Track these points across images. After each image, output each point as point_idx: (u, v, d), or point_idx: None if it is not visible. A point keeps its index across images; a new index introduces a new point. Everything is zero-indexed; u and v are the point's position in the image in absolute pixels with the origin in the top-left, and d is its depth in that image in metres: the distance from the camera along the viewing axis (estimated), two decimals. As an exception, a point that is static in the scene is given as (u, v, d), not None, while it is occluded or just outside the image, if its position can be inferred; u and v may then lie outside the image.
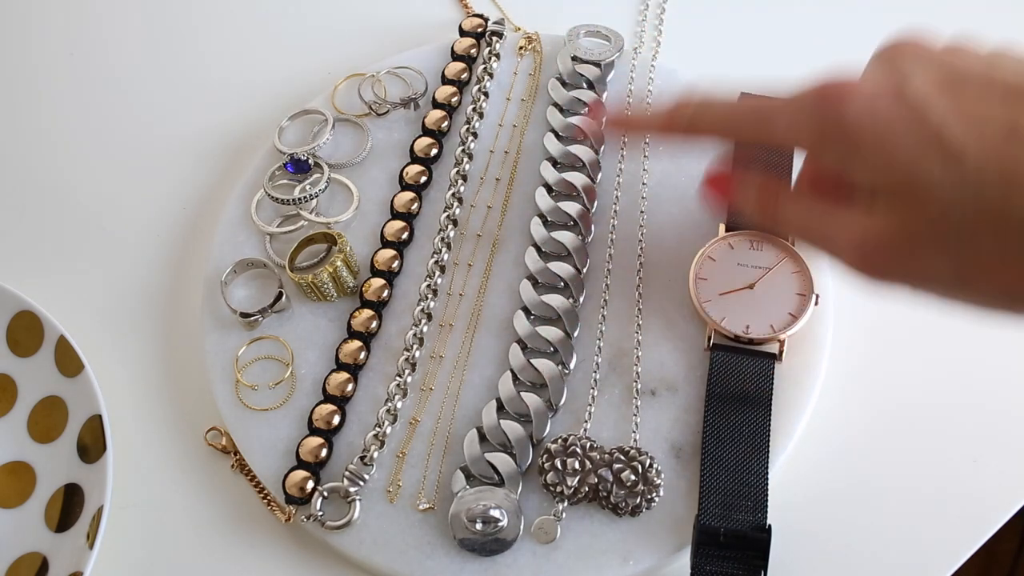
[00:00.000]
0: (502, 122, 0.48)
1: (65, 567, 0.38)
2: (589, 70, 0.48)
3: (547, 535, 0.37)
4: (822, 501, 0.39)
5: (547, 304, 0.42)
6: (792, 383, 0.40)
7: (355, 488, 0.38)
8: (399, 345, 0.42)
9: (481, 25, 0.51)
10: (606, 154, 0.47)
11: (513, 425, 0.39)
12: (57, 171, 0.50)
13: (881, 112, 0.29)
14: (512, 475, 0.38)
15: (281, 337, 0.42)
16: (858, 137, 0.30)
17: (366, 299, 0.43)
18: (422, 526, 0.38)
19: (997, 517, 0.39)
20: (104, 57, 0.55)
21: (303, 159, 0.46)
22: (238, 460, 0.40)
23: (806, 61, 0.52)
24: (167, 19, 0.56)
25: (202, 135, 0.51)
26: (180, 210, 0.49)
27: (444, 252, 0.44)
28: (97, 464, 0.39)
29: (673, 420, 0.39)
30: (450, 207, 0.45)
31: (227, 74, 0.53)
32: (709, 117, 0.35)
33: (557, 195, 0.45)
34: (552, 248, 0.43)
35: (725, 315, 0.40)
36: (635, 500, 0.37)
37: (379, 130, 0.48)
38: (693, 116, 0.35)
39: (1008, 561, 0.81)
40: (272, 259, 0.44)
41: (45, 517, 0.40)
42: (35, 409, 0.42)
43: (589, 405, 0.40)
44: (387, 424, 0.40)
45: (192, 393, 0.43)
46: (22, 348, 0.43)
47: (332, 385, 0.41)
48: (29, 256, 0.48)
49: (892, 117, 0.29)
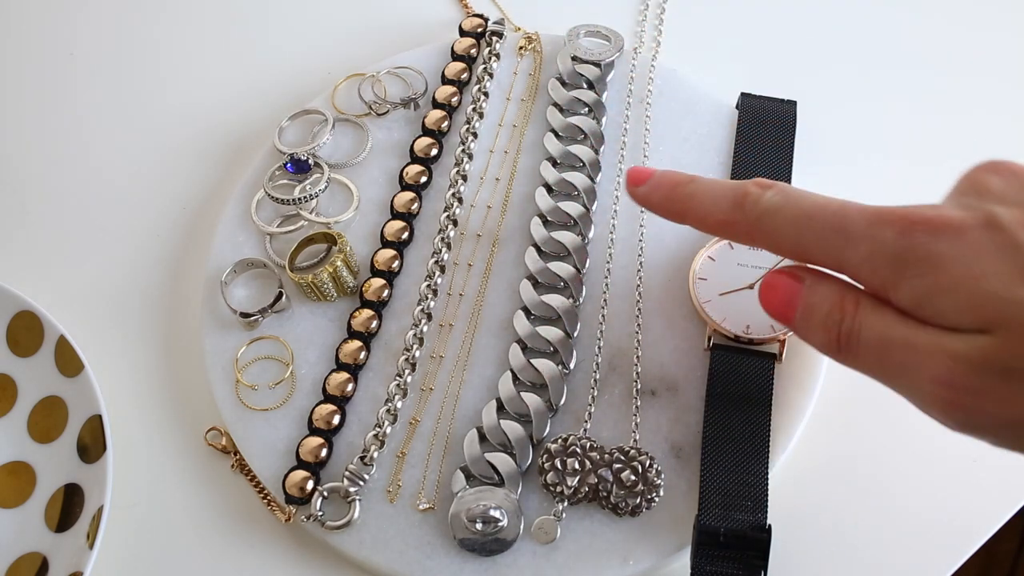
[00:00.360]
0: (502, 122, 0.48)
1: (65, 567, 0.38)
2: (589, 70, 0.48)
3: (547, 535, 0.37)
4: (822, 501, 0.39)
5: (547, 304, 0.42)
6: (792, 383, 0.40)
7: (355, 488, 0.38)
8: (399, 345, 0.42)
9: (481, 25, 0.51)
10: (606, 154, 0.47)
11: (513, 425, 0.39)
12: (57, 171, 0.50)
13: (973, 243, 0.27)
14: (512, 475, 0.38)
15: (281, 337, 0.42)
16: (949, 270, 0.27)
17: (366, 299, 0.43)
18: (422, 526, 0.38)
19: (997, 517, 0.39)
20: (104, 57, 0.55)
21: (303, 159, 0.46)
22: (238, 460, 0.40)
23: (806, 61, 0.52)
24: (167, 19, 0.56)
25: (202, 135, 0.51)
26: (180, 210, 0.49)
27: (444, 252, 0.44)
28: (97, 464, 0.39)
29: (673, 420, 0.39)
30: (450, 207, 0.45)
31: (227, 74, 0.53)
32: (780, 221, 0.31)
33: (557, 195, 0.45)
34: (552, 248, 0.43)
35: (725, 315, 0.40)
36: (635, 500, 0.37)
37: (379, 130, 0.48)
38: (762, 215, 0.32)
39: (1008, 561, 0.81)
40: (272, 259, 0.44)
41: (45, 517, 0.40)
42: (35, 409, 0.42)
43: (589, 405, 0.40)
44: (387, 424, 0.40)
45: (192, 393, 0.43)
46: (22, 348, 0.43)
47: (332, 385, 0.41)
48: (29, 256, 0.48)
49: (985, 248, 0.27)
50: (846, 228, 0.30)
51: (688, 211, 0.34)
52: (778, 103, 0.47)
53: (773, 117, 0.46)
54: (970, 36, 0.53)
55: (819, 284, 0.32)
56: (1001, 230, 0.27)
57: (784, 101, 0.47)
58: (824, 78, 0.51)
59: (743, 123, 0.47)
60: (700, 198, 0.34)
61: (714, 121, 0.47)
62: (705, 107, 0.48)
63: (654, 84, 0.49)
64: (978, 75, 0.51)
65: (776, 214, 0.31)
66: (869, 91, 0.51)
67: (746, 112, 0.47)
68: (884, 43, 0.53)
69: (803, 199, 0.31)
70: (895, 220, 0.29)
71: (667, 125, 0.47)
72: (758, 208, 0.32)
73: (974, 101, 0.50)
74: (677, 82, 0.49)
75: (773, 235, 0.32)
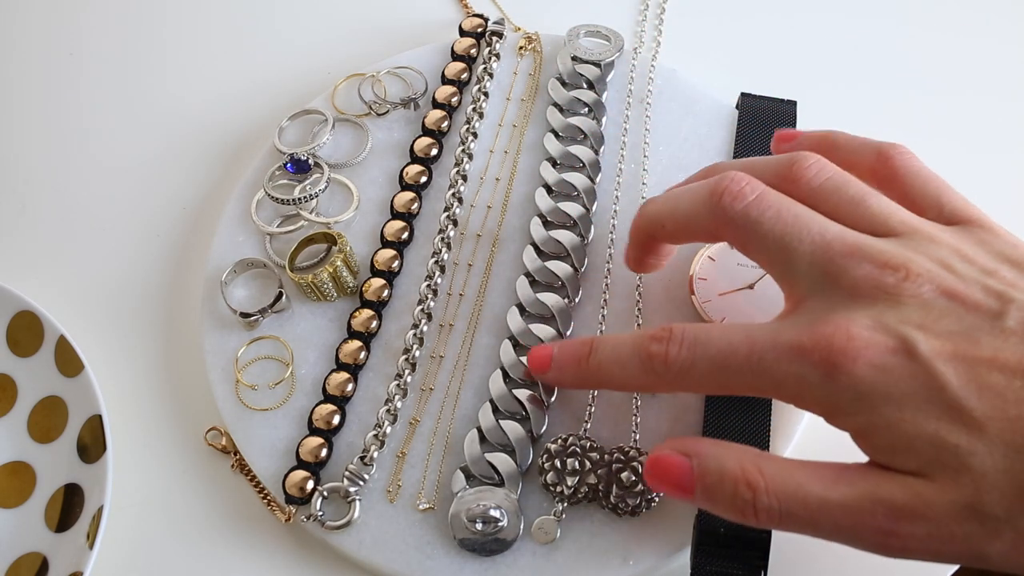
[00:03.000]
0: (502, 122, 0.48)
1: (65, 567, 0.38)
2: (589, 70, 0.48)
3: (547, 535, 0.37)
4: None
5: (541, 302, 0.42)
6: (792, 383, 0.40)
7: (355, 488, 0.38)
8: (399, 345, 0.42)
9: (481, 25, 0.51)
10: (606, 155, 0.47)
11: (513, 425, 0.39)
12: (57, 171, 0.50)
13: (895, 380, 0.27)
14: (512, 475, 0.38)
15: (281, 337, 0.42)
16: (880, 410, 0.27)
17: (366, 299, 0.43)
18: (422, 526, 0.38)
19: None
20: (104, 57, 0.55)
21: (303, 159, 0.46)
22: (238, 460, 0.40)
23: (806, 61, 0.52)
24: (167, 19, 0.56)
25: (202, 135, 0.51)
26: (180, 210, 0.49)
27: (444, 252, 0.44)
28: (97, 464, 0.39)
29: (673, 420, 0.39)
30: (450, 207, 0.45)
31: (227, 74, 0.53)
32: (697, 377, 0.31)
33: (557, 195, 0.45)
34: (551, 248, 0.43)
35: (725, 315, 0.40)
36: (635, 500, 0.37)
37: (379, 130, 0.48)
38: (677, 377, 0.31)
39: (1008, 561, 0.80)
40: (272, 259, 0.44)
41: (45, 517, 0.40)
42: (35, 409, 0.42)
43: (589, 405, 0.40)
44: (387, 424, 0.40)
45: (192, 393, 0.43)
46: (22, 348, 0.43)
47: (332, 385, 0.41)
48: (29, 256, 0.48)
49: (907, 386, 0.27)
50: (765, 371, 0.29)
51: (603, 382, 0.34)
52: (778, 103, 0.47)
53: (773, 117, 0.46)
54: (971, 36, 0.53)
55: (710, 460, 0.30)
56: (919, 361, 0.27)
57: (784, 101, 0.47)
58: (824, 78, 0.51)
59: (743, 123, 0.47)
60: (608, 368, 0.33)
61: (714, 121, 0.47)
62: (705, 107, 0.48)
63: (654, 84, 0.49)
64: (978, 75, 0.51)
65: (690, 372, 0.31)
66: (869, 91, 0.51)
67: (746, 112, 0.47)
68: (884, 43, 0.53)
69: (709, 347, 0.30)
70: (812, 354, 0.28)
71: (667, 125, 0.47)
72: (670, 372, 0.31)
73: (974, 101, 0.50)
74: (677, 82, 0.49)
75: (698, 388, 0.32)
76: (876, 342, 0.27)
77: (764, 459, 0.29)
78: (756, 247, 0.32)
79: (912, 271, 0.29)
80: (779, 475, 0.29)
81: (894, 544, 0.27)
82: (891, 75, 0.51)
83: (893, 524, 0.27)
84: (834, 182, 0.32)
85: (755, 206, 0.31)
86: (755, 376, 0.29)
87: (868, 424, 0.28)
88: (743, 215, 0.31)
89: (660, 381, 0.32)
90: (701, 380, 0.31)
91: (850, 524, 0.28)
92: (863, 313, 0.28)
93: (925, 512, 0.27)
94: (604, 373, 0.34)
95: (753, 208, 0.31)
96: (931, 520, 0.26)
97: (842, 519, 0.28)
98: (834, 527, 0.28)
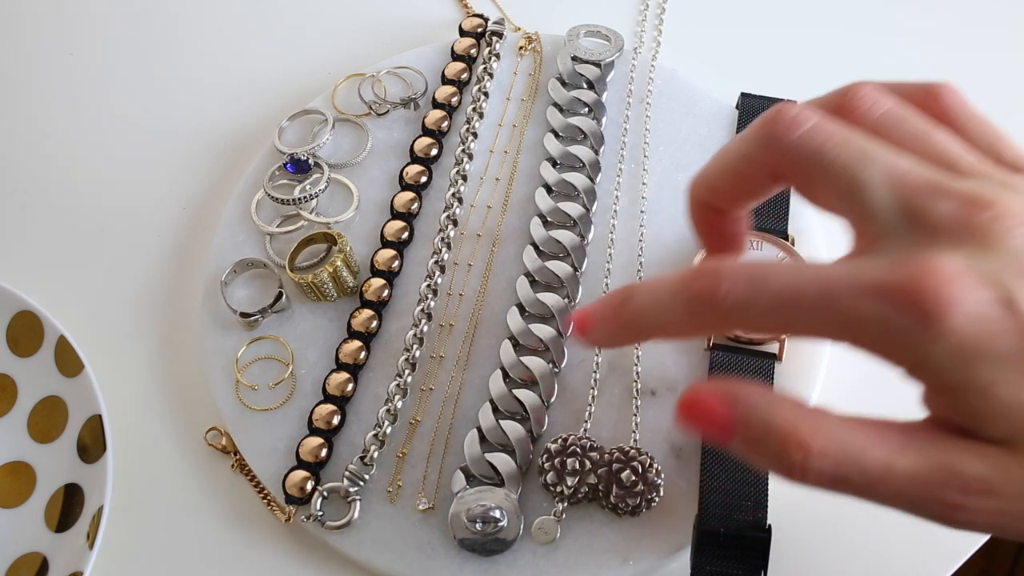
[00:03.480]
0: (502, 122, 0.48)
1: (65, 567, 0.38)
2: (589, 70, 0.48)
3: (547, 535, 0.37)
4: (822, 501, 0.39)
5: (541, 302, 0.42)
6: (792, 383, 0.40)
7: (355, 488, 0.38)
8: (399, 345, 0.42)
9: (481, 25, 0.51)
10: (606, 154, 0.47)
11: (513, 425, 0.39)
12: (57, 171, 0.50)
13: (994, 328, 0.23)
14: (512, 475, 0.38)
15: (281, 337, 0.42)
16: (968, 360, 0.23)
17: (366, 299, 0.43)
18: (422, 526, 0.38)
19: (997, 517, 0.39)
20: (103, 57, 0.55)
21: (303, 159, 0.46)
22: (238, 460, 0.40)
23: (806, 61, 0.52)
24: (167, 19, 0.56)
25: (202, 135, 0.51)
26: (180, 210, 0.49)
27: (444, 252, 0.44)
28: (97, 464, 0.39)
29: (673, 420, 0.39)
30: (450, 207, 0.45)
31: (227, 74, 0.53)
32: (755, 315, 0.26)
33: (557, 195, 0.45)
34: (551, 248, 0.43)
35: (725, 315, 0.40)
36: (635, 500, 0.37)
37: (379, 130, 0.48)
38: (730, 314, 0.26)
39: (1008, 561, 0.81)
40: (272, 259, 0.44)
41: (45, 517, 0.40)
42: (35, 409, 0.42)
43: (589, 405, 0.40)
44: (387, 424, 0.40)
45: (192, 393, 0.43)
46: (22, 348, 0.43)
47: (332, 385, 0.41)
48: (29, 256, 0.48)
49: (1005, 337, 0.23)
50: (842, 312, 0.25)
51: (645, 331, 0.29)
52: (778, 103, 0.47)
53: (773, 117, 0.46)
54: (971, 37, 0.53)
55: (757, 410, 0.26)
56: (1022, 316, 0.23)
57: (784, 101, 0.47)
58: (824, 78, 0.51)
59: (743, 123, 0.47)
60: (647, 313, 0.28)
61: (714, 121, 0.47)
62: (705, 107, 0.48)
63: (654, 84, 0.49)
64: (979, 76, 0.51)
65: (747, 310, 0.26)
66: (869, 91, 0.51)
67: (746, 112, 0.47)
68: (884, 43, 0.53)
69: (771, 281, 0.26)
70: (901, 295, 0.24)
71: (667, 125, 0.47)
72: (721, 308, 0.26)
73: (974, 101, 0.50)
74: (677, 82, 0.49)
75: (753, 328, 0.28)
76: (975, 289, 0.23)
77: (820, 416, 0.26)
78: (820, 180, 0.27)
79: (1005, 211, 0.25)
80: (837, 435, 0.26)
81: (960, 517, 0.24)
82: (891, 75, 0.51)
83: (964, 498, 0.24)
84: (894, 114, 0.29)
85: (815, 132, 0.27)
86: (829, 316, 0.25)
87: (960, 383, 0.24)
88: (803, 143, 0.27)
89: (709, 320, 0.27)
90: (760, 318, 0.26)
91: (914, 494, 0.25)
92: (954, 255, 0.24)
93: (1003, 488, 0.24)
94: (644, 319, 0.28)
95: (813, 135, 0.27)
96: (1007, 497, 0.24)
97: (907, 488, 0.25)
98: (895, 496, 0.25)
